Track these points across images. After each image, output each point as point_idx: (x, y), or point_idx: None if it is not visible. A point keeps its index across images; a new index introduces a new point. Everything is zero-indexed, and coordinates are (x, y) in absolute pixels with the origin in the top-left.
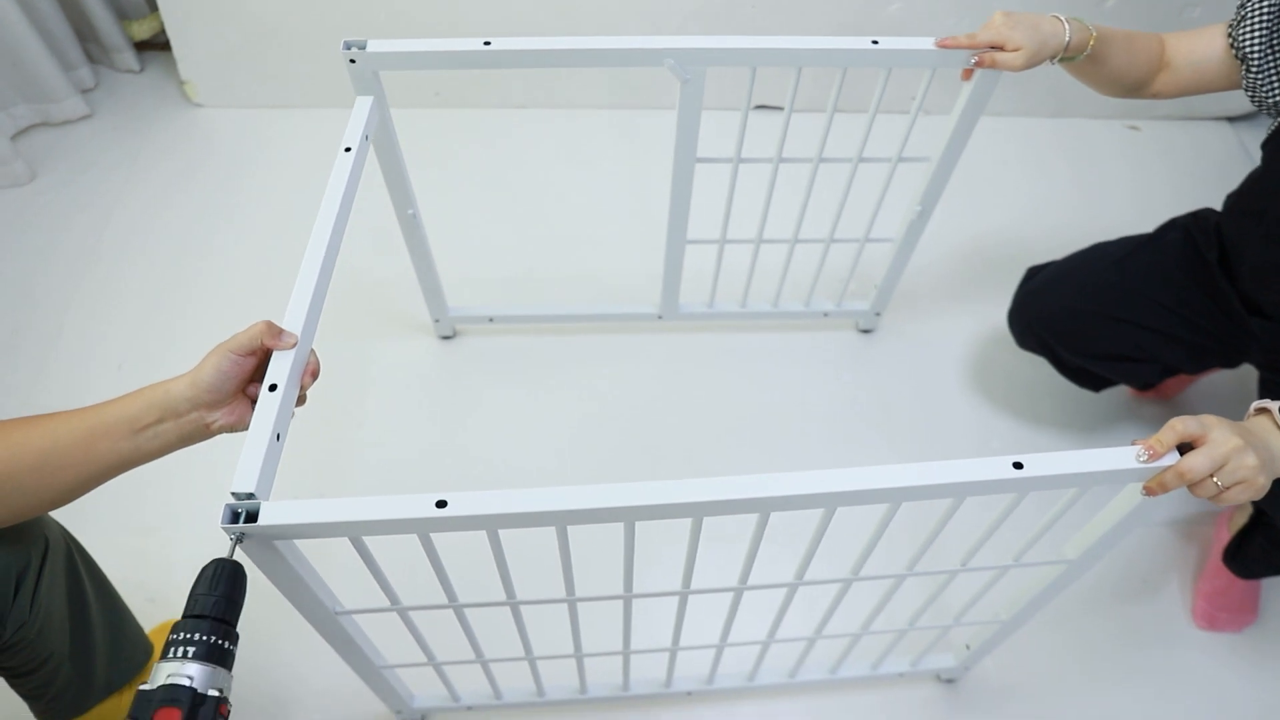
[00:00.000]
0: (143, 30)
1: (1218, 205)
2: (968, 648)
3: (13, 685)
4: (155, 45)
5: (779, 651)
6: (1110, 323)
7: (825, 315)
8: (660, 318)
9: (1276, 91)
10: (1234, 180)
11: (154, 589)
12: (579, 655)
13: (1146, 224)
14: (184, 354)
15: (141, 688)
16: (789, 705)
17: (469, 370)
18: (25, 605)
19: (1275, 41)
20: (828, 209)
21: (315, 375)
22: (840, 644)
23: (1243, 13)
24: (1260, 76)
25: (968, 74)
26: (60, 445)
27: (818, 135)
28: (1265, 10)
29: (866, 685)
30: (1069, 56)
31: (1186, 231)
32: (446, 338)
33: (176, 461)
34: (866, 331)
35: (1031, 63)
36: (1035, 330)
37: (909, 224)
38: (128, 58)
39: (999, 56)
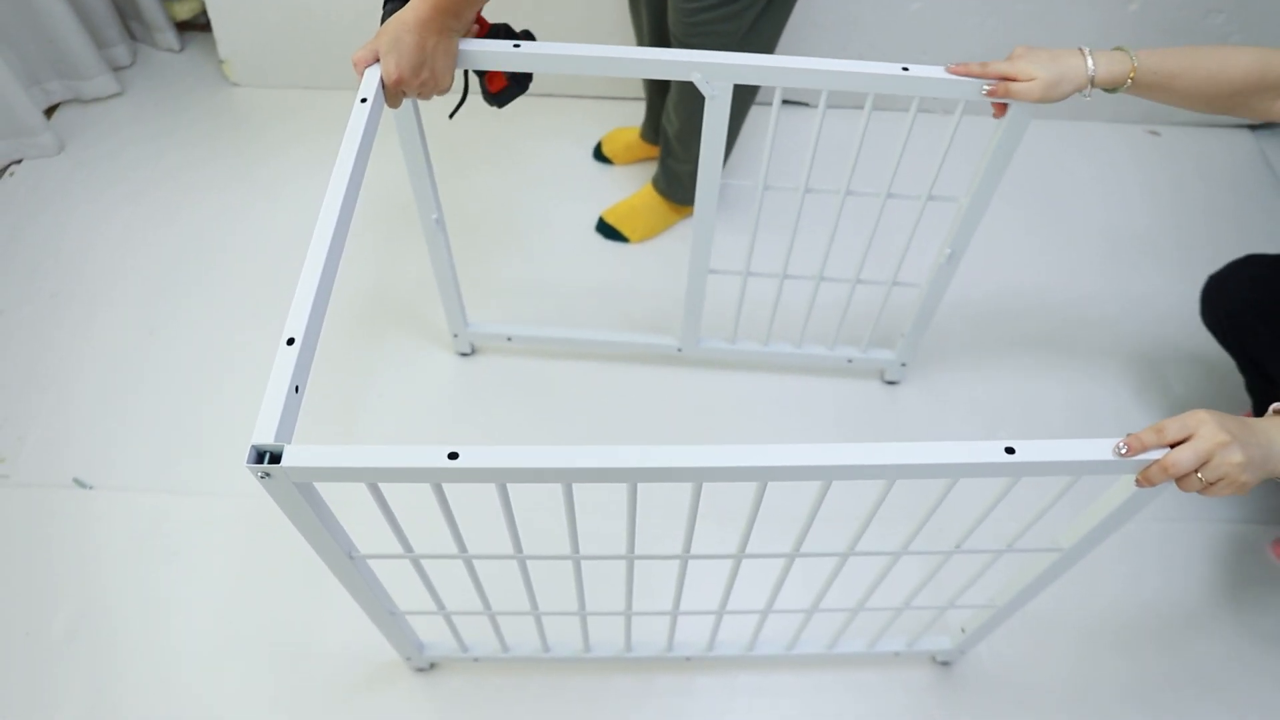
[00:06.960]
0: (184, 10)
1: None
2: (963, 631)
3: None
4: (196, 26)
5: (777, 623)
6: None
7: (849, 362)
8: (680, 350)
9: None
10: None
11: None
12: (582, 613)
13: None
14: (214, 321)
15: None
16: (787, 679)
17: (485, 392)
18: None
19: None
20: (855, 247)
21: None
22: (838, 619)
23: None
24: None
25: (1000, 110)
26: None
27: (851, 160)
28: None
29: (864, 663)
30: (1109, 89)
31: None
32: (465, 354)
33: (203, 420)
34: (892, 383)
35: (1048, 95)
36: (1220, 325)
37: (938, 268)
38: (169, 37)
39: (1013, 86)
